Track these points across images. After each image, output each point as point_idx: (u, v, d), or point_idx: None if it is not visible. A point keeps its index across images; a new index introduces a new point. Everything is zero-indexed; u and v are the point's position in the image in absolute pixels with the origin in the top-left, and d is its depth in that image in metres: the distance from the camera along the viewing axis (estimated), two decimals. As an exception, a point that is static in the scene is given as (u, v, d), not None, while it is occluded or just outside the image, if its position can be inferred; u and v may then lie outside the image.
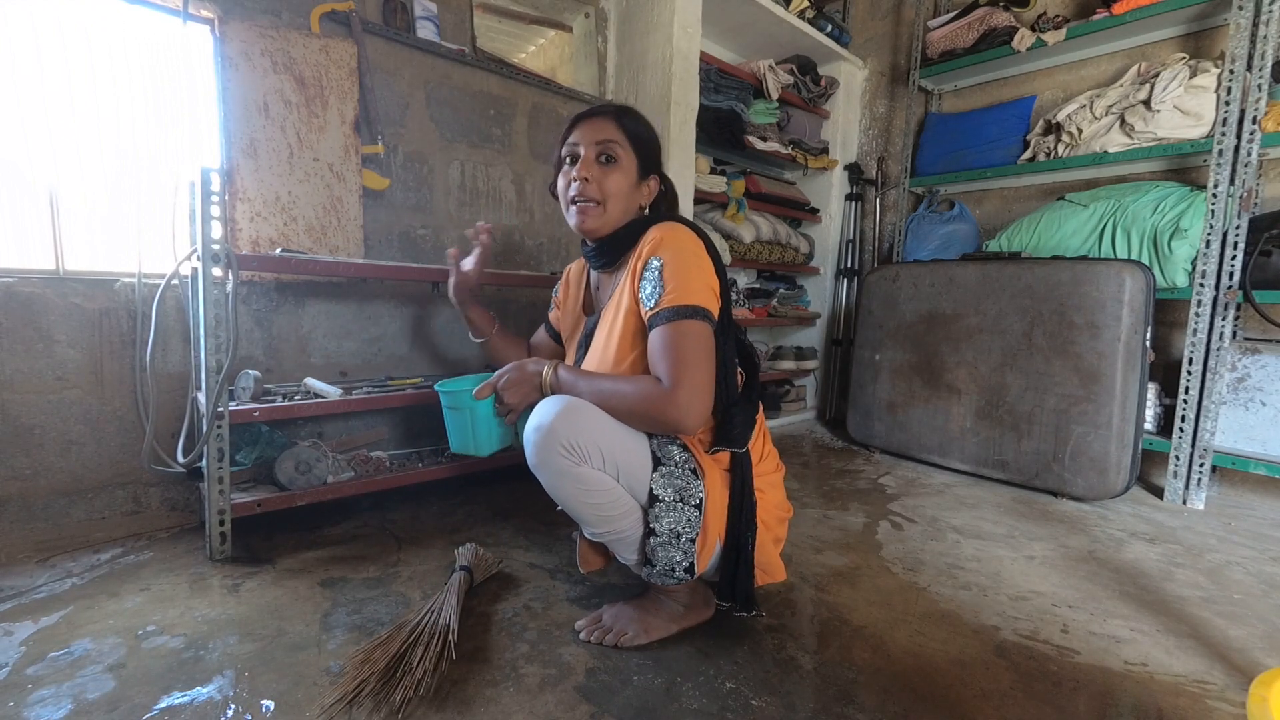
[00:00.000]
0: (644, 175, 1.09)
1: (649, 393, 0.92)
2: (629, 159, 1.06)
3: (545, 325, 1.38)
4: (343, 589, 1.21)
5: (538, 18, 2.34)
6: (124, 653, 0.97)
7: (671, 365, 0.91)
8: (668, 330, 0.93)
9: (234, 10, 1.55)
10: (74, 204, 1.46)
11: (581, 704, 0.89)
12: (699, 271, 0.97)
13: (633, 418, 0.94)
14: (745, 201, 2.65)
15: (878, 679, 0.98)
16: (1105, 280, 1.86)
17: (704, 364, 0.93)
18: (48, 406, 1.40)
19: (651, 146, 1.10)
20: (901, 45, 2.95)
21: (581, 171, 1.04)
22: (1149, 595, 1.31)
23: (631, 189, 1.07)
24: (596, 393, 0.96)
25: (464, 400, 1.12)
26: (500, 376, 1.05)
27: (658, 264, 0.96)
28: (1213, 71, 1.97)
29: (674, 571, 0.99)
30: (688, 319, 0.93)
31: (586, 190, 1.04)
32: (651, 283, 0.96)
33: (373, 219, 1.82)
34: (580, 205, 1.05)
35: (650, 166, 1.10)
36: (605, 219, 1.05)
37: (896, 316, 2.38)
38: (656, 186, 1.11)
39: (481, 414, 1.11)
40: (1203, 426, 1.92)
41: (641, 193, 1.09)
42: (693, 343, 0.92)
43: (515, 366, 1.05)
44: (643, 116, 1.11)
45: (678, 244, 0.98)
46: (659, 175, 1.12)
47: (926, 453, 2.29)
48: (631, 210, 1.08)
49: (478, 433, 1.13)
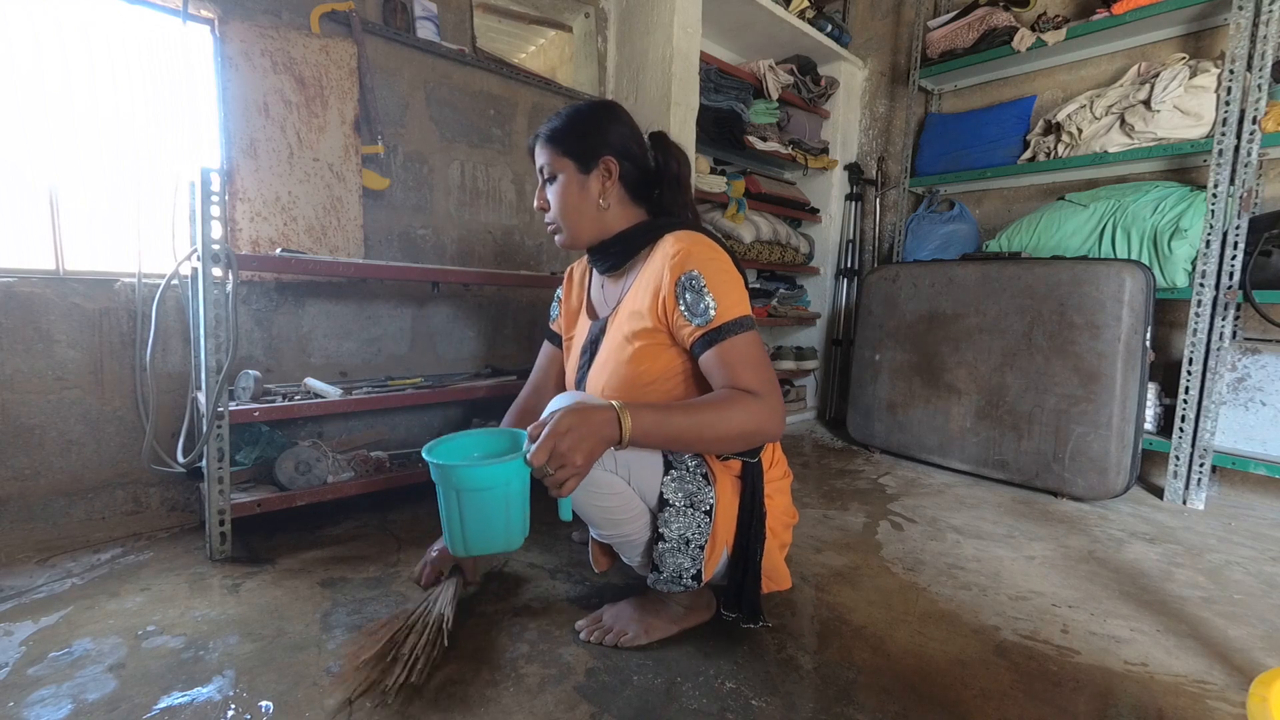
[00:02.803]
0: (588, 166, 1.02)
1: (755, 410, 0.89)
2: (564, 166, 1.03)
3: (548, 335, 1.30)
4: (343, 589, 1.21)
5: (538, 18, 2.34)
6: (124, 653, 0.97)
7: (756, 377, 0.91)
8: (737, 344, 0.93)
9: (234, 10, 1.55)
10: (74, 204, 1.46)
11: (581, 704, 0.89)
12: (734, 279, 0.97)
13: (741, 440, 0.90)
14: (745, 201, 2.65)
15: (878, 679, 0.98)
16: (1105, 280, 1.86)
17: (771, 371, 0.95)
18: (48, 406, 1.40)
19: (578, 134, 1.02)
20: (901, 45, 2.95)
21: (536, 203, 1.09)
22: (1149, 595, 1.31)
23: (579, 191, 1.03)
24: (695, 429, 0.87)
25: (496, 475, 0.77)
26: (555, 431, 0.77)
27: (700, 279, 0.93)
28: (1213, 71, 1.97)
29: (681, 578, 0.98)
30: (748, 330, 0.94)
31: (546, 217, 1.08)
32: (698, 297, 0.93)
33: (373, 219, 1.82)
34: (550, 229, 1.09)
35: (592, 151, 1.02)
36: (571, 233, 1.06)
37: (896, 316, 2.38)
38: (615, 165, 1.02)
39: (520, 488, 0.79)
40: (1203, 426, 1.92)
41: (593, 184, 1.03)
42: (759, 352, 0.94)
43: (571, 412, 0.79)
44: (577, 109, 1.04)
45: (710, 255, 0.96)
46: (614, 152, 1.02)
47: (926, 453, 2.29)
48: (591, 210, 1.03)
49: (512, 517, 0.79)
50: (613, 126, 1.04)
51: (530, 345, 2.26)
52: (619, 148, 1.03)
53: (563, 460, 0.77)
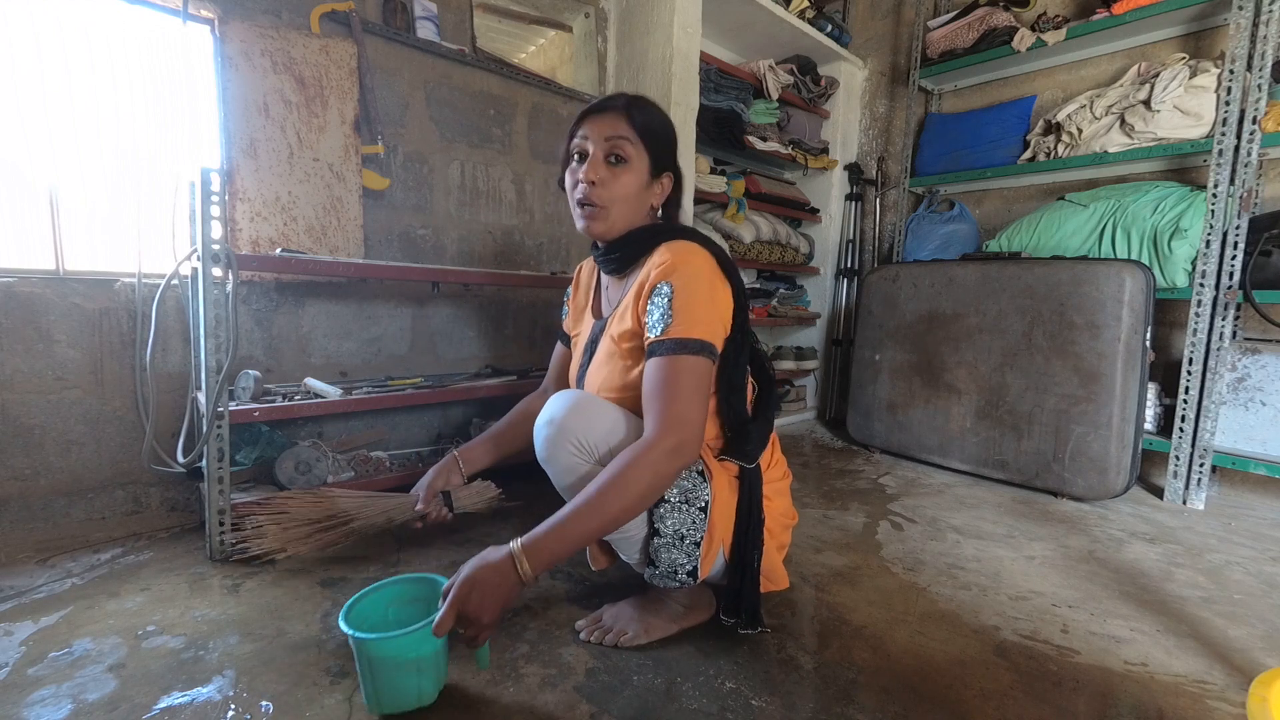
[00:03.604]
0: (657, 173, 1.03)
1: (647, 464, 0.85)
2: (640, 158, 0.99)
3: (560, 337, 1.31)
4: (343, 589, 1.20)
5: (538, 18, 2.34)
6: (124, 653, 0.97)
7: (662, 407, 0.88)
8: (664, 365, 0.90)
9: (234, 10, 1.55)
10: (74, 204, 1.46)
11: (581, 704, 0.89)
12: (709, 302, 0.93)
13: (652, 494, 0.88)
14: (745, 201, 2.65)
15: (878, 679, 0.98)
16: (1105, 280, 1.86)
17: (696, 400, 0.89)
18: (48, 406, 1.40)
19: (665, 141, 1.03)
20: (901, 45, 2.95)
21: (589, 174, 0.98)
22: (1149, 595, 1.31)
23: (641, 190, 1.01)
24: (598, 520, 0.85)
25: (407, 646, 0.79)
26: (458, 598, 0.80)
27: (668, 290, 0.91)
28: (1213, 71, 1.97)
29: (676, 574, 0.98)
30: (690, 354, 0.89)
31: (592, 194, 0.98)
32: (660, 309, 0.92)
33: (373, 219, 1.82)
34: (587, 210, 1.00)
35: (664, 163, 1.03)
36: (612, 223, 1.00)
37: (896, 316, 2.38)
38: (670, 185, 1.05)
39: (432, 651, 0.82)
40: (1203, 426, 1.92)
41: (654, 192, 1.03)
42: (692, 380, 0.89)
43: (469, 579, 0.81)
44: (658, 107, 1.04)
45: (691, 270, 0.93)
46: (673, 171, 1.05)
47: (926, 453, 2.29)
48: (641, 212, 1.03)
49: (424, 678, 0.82)
50: (676, 147, 1.07)
51: (530, 345, 2.26)
52: (676, 169, 1.07)
53: (471, 622, 0.81)
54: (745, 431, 1.01)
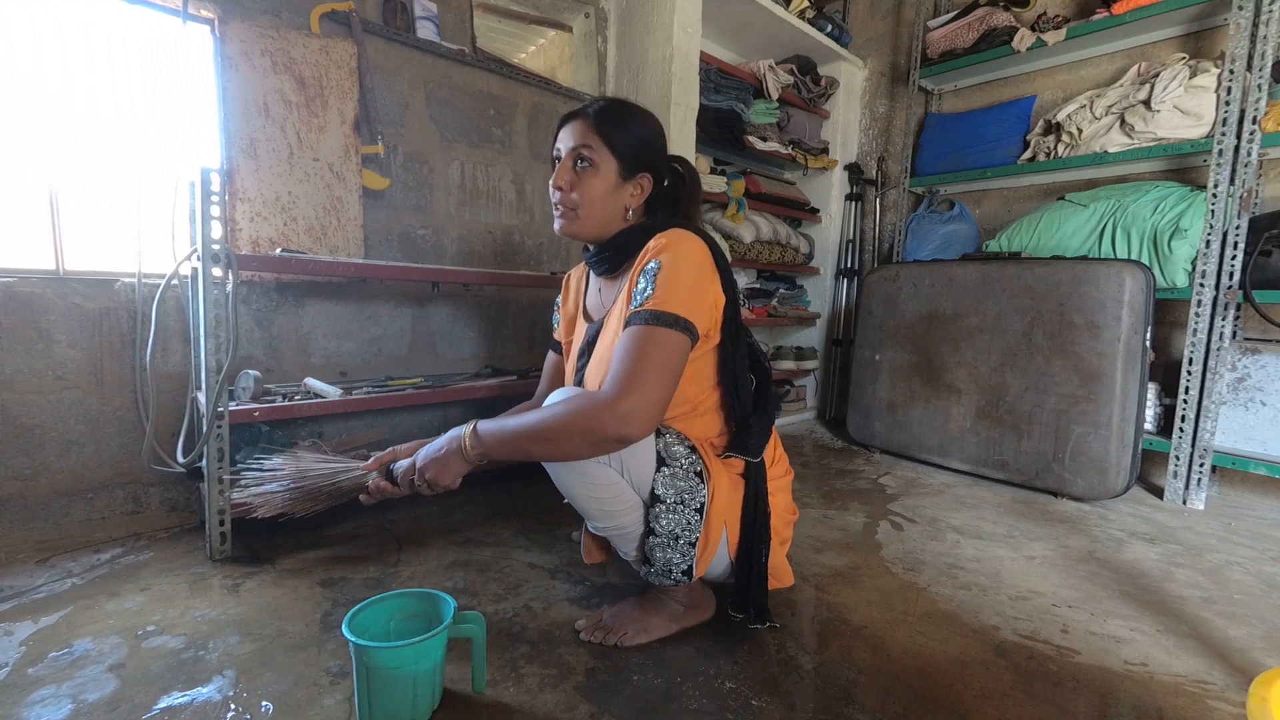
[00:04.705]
0: (629, 174, 1.04)
1: (581, 407, 0.85)
2: (606, 161, 1.01)
3: (552, 346, 1.32)
4: (343, 589, 1.21)
5: (538, 18, 2.34)
6: (124, 653, 0.97)
7: (624, 370, 0.86)
8: (637, 333, 0.89)
9: (234, 10, 1.55)
10: (74, 204, 1.46)
11: (581, 704, 0.89)
12: (694, 283, 0.93)
13: (581, 438, 0.85)
14: (745, 201, 2.65)
15: (878, 679, 0.98)
16: (1105, 280, 1.86)
17: (662, 376, 0.86)
18: (48, 406, 1.40)
19: (637, 143, 1.03)
20: (901, 45, 2.95)
21: (556, 179, 1.03)
22: (1149, 595, 1.31)
23: (610, 192, 1.03)
24: (525, 429, 0.87)
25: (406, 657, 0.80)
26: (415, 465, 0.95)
27: (654, 266, 0.93)
28: (1213, 71, 1.97)
29: (671, 573, 0.99)
30: (664, 326, 0.88)
31: (561, 198, 1.03)
32: (646, 283, 0.93)
33: (373, 219, 1.82)
34: (559, 211, 1.05)
35: (638, 164, 1.04)
36: (581, 224, 1.03)
37: (896, 316, 2.38)
38: (649, 184, 1.06)
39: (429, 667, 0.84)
40: (1203, 426, 1.92)
41: (626, 193, 1.04)
42: (658, 351, 0.87)
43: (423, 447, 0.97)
44: (633, 112, 1.05)
45: (682, 251, 0.94)
46: (652, 171, 1.06)
47: (926, 453, 2.29)
48: (616, 213, 1.05)
49: (419, 693, 0.83)
50: (660, 145, 1.07)
51: (530, 345, 2.26)
52: (657, 168, 1.07)
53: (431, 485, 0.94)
54: (747, 425, 1.02)
